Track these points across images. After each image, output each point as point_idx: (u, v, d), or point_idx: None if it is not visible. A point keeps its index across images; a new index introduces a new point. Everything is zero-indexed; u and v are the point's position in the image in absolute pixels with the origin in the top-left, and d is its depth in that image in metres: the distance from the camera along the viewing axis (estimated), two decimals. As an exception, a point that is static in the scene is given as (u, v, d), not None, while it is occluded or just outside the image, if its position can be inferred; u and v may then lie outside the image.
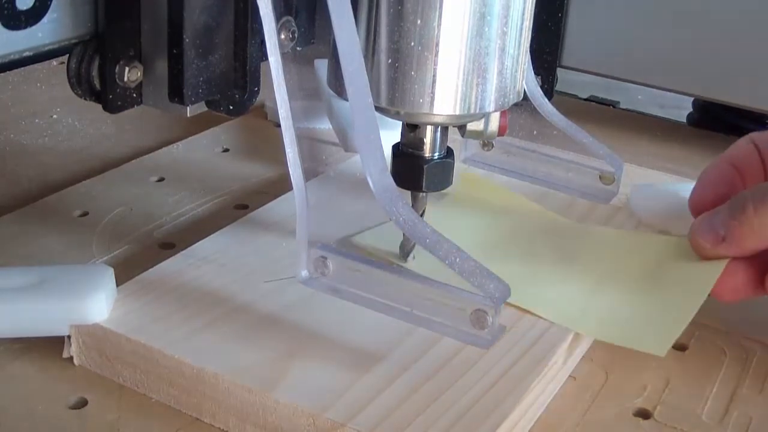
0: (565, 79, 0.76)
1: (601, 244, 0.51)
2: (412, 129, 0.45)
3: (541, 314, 0.45)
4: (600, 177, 0.55)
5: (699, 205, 0.49)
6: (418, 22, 0.41)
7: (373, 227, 0.51)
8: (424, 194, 0.47)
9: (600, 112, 0.83)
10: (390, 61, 0.41)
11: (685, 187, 0.56)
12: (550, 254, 0.50)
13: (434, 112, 0.42)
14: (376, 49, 0.41)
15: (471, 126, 0.48)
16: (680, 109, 0.91)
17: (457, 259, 0.39)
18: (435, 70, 0.41)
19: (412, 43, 0.41)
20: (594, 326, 0.45)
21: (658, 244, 0.51)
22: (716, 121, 0.83)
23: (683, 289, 0.46)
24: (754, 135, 0.50)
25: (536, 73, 0.54)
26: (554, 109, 0.52)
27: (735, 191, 0.48)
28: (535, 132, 0.68)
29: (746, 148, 0.50)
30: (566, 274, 0.48)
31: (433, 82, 0.41)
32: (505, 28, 0.42)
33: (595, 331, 0.45)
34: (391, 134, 0.45)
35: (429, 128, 0.45)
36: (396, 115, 0.44)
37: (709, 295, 0.45)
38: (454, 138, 0.47)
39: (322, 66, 0.67)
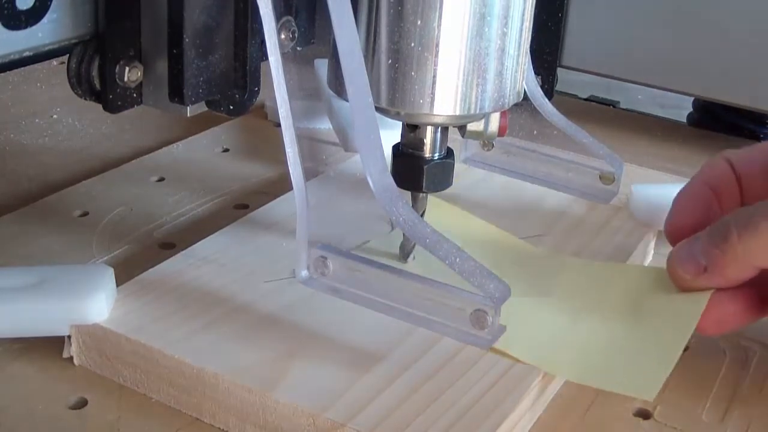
0: (565, 79, 0.76)
1: (575, 277, 0.49)
2: (412, 129, 0.45)
3: (518, 356, 0.42)
4: (600, 177, 0.55)
5: (676, 230, 0.46)
6: (418, 22, 0.41)
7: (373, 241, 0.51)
8: (424, 195, 0.47)
9: (600, 112, 0.83)
10: (390, 61, 0.41)
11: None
12: (523, 288, 0.46)
13: (434, 113, 0.42)
14: (376, 49, 0.42)
15: (471, 126, 0.48)
16: (680, 109, 0.91)
17: (457, 259, 0.39)
18: (435, 70, 0.41)
19: (412, 44, 0.41)
20: (575, 369, 0.42)
21: (636, 275, 0.48)
22: (716, 121, 0.83)
23: (667, 325, 0.43)
24: (729, 153, 0.47)
25: (536, 73, 0.54)
26: (554, 109, 0.52)
27: (712, 214, 0.45)
28: (535, 132, 0.68)
29: (721, 168, 0.47)
30: (541, 309, 0.46)
31: (433, 82, 0.41)
32: (505, 29, 0.42)
33: (577, 374, 0.42)
34: (391, 134, 0.45)
35: (429, 129, 0.45)
36: (396, 116, 0.44)
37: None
38: (454, 138, 0.47)
39: (322, 66, 0.67)
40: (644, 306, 0.45)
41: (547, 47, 0.58)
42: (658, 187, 0.57)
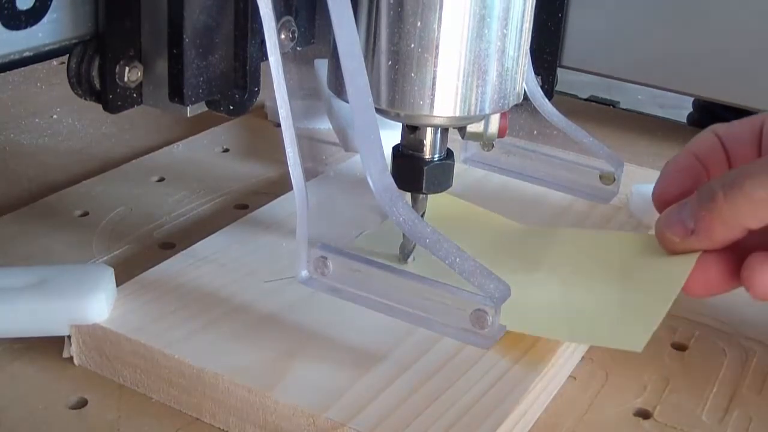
0: (565, 79, 0.76)
1: (564, 246, 0.49)
2: (412, 130, 0.45)
3: (508, 326, 0.41)
4: (600, 177, 0.55)
5: (663, 199, 0.47)
6: (418, 24, 0.41)
7: (369, 231, 0.51)
8: (424, 196, 0.47)
9: (600, 112, 0.83)
10: (390, 62, 0.41)
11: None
12: (512, 262, 0.47)
13: (434, 114, 0.42)
14: (376, 50, 0.41)
15: (471, 128, 0.48)
16: (680, 109, 0.91)
17: (457, 259, 0.39)
18: (435, 71, 0.41)
19: (412, 45, 0.41)
20: (566, 330, 0.43)
21: (624, 241, 0.49)
22: (716, 121, 0.82)
23: (655, 285, 0.44)
24: (717, 127, 0.48)
25: (536, 73, 0.54)
26: (554, 109, 0.52)
27: (699, 183, 0.46)
28: (535, 132, 0.68)
29: (709, 140, 0.48)
30: (531, 280, 0.46)
31: (433, 83, 0.41)
32: (505, 30, 0.42)
33: (567, 334, 0.43)
34: (391, 134, 0.45)
35: (429, 130, 0.45)
36: (396, 117, 0.44)
37: (681, 291, 0.43)
38: (454, 138, 0.47)
39: (322, 66, 0.67)
40: (632, 269, 0.46)
41: (547, 47, 0.58)
42: (658, 187, 0.57)
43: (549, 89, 0.57)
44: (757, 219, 0.42)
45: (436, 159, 0.46)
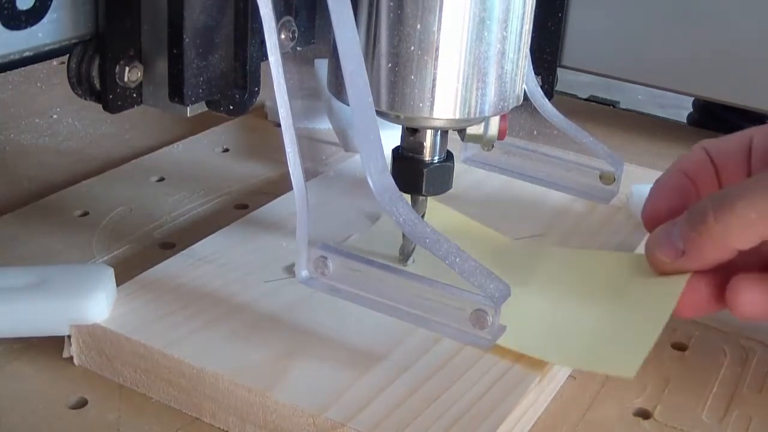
0: (565, 79, 0.76)
1: (553, 264, 0.49)
2: (411, 133, 0.45)
3: (503, 344, 0.41)
4: (600, 177, 0.55)
5: (653, 218, 0.46)
6: (418, 26, 0.41)
7: (359, 235, 0.51)
8: (424, 197, 0.47)
9: (600, 112, 0.83)
10: (390, 65, 0.41)
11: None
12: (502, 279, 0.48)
13: (434, 116, 0.42)
14: (376, 53, 0.41)
15: (471, 130, 0.48)
16: (680, 109, 0.91)
17: (457, 259, 0.39)
18: (435, 74, 0.41)
19: (412, 47, 0.41)
20: (556, 352, 0.42)
21: (614, 261, 0.48)
22: (716, 121, 0.83)
23: (646, 307, 0.44)
24: (706, 143, 0.48)
25: (536, 73, 0.54)
26: (554, 109, 0.52)
27: (689, 201, 0.45)
28: (535, 132, 0.68)
29: (699, 157, 0.47)
30: (522, 297, 0.45)
31: (433, 86, 0.41)
32: (504, 33, 0.42)
33: (558, 356, 0.42)
34: (391, 134, 0.45)
35: (429, 132, 0.45)
36: (396, 119, 0.44)
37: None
38: (454, 138, 0.47)
39: (322, 66, 0.67)
40: (622, 289, 0.45)
41: (547, 47, 0.58)
42: (657, 187, 0.57)
43: (549, 89, 0.57)
44: (748, 240, 0.41)
45: (435, 161, 0.46)
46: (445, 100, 0.42)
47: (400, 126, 0.46)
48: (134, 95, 0.44)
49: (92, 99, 0.44)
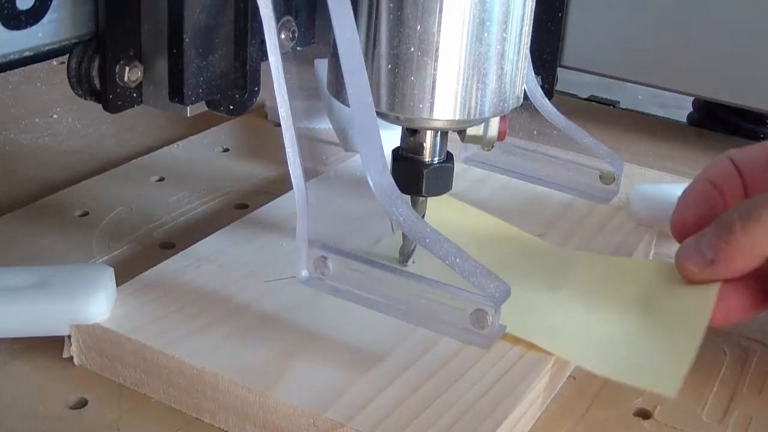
0: (565, 79, 0.76)
1: (585, 270, 0.49)
2: (411, 134, 0.45)
3: (541, 345, 0.42)
4: (600, 177, 0.55)
5: (681, 227, 0.47)
6: (418, 27, 0.41)
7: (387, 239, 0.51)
8: (424, 199, 0.47)
9: (600, 112, 0.83)
10: (390, 66, 0.41)
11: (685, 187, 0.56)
12: (535, 281, 0.47)
13: (434, 118, 0.42)
14: (376, 54, 0.41)
15: (470, 131, 0.48)
16: (680, 109, 0.91)
17: (457, 259, 0.39)
18: (434, 75, 0.41)
19: (412, 49, 0.41)
20: (596, 360, 0.42)
21: (645, 269, 0.49)
22: (716, 121, 0.83)
23: (681, 321, 0.44)
24: (732, 152, 0.48)
25: (536, 73, 0.54)
26: (554, 109, 0.52)
27: (716, 211, 0.46)
28: (535, 132, 0.68)
29: (725, 166, 0.48)
30: (555, 301, 0.46)
31: (433, 87, 0.41)
32: (504, 34, 0.42)
33: (597, 365, 0.42)
34: (391, 134, 0.45)
35: (429, 133, 0.45)
36: (396, 120, 0.44)
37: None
38: (454, 138, 0.47)
39: (322, 66, 0.67)
40: (656, 300, 0.46)
41: (547, 47, 0.58)
42: (658, 187, 0.57)
43: (549, 89, 0.57)
44: None
45: (435, 162, 0.46)
46: (444, 101, 0.42)
47: (400, 127, 0.46)
48: (134, 95, 0.44)
49: (92, 99, 0.44)
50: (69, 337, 0.43)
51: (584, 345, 0.43)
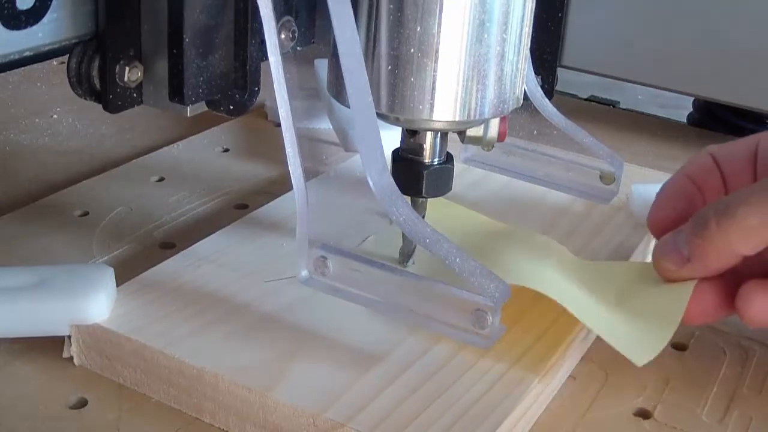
0: (565, 79, 0.76)
1: (571, 264, 0.48)
2: (411, 135, 0.45)
3: (550, 294, 0.42)
4: (600, 177, 0.55)
5: (659, 224, 0.47)
6: (418, 28, 0.41)
7: (375, 235, 0.51)
8: (424, 199, 0.47)
9: (600, 112, 0.83)
10: (389, 67, 0.41)
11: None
12: (518, 259, 0.47)
13: (434, 119, 0.42)
14: (376, 55, 0.41)
15: (470, 132, 0.48)
16: (680, 109, 0.91)
17: (457, 259, 0.39)
18: (434, 76, 0.41)
19: (412, 50, 0.41)
20: (585, 309, 0.43)
21: (621, 270, 0.48)
22: (716, 121, 0.83)
23: (654, 316, 0.44)
24: (712, 148, 0.48)
25: (536, 73, 0.54)
26: (554, 109, 0.52)
27: (695, 207, 0.45)
28: (535, 132, 0.68)
29: (704, 162, 0.47)
30: (542, 271, 0.46)
31: (433, 88, 0.41)
32: (504, 35, 0.42)
33: (582, 315, 0.43)
34: (391, 134, 0.45)
35: (428, 134, 0.45)
36: (395, 122, 0.44)
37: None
38: (454, 137, 0.47)
39: (322, 66, 0.67)
40: (629, 298, 0.45)
41: (547, 47, 0.58)
42: (658, 187, 0.57)
43: (549, 89, 0.57)
44: (750, 246, 0.41)
45: (435, 163, 0.46)
46: (444, 102, 0.42)
47: (400, 127, 0.46)
48: (134, 95, 0.44)
49: (92, 99, 0.44)
50: (69, 337, 0.43)
51: (573, 293, 0.44)
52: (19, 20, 0.40)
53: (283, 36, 0.46)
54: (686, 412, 0.43)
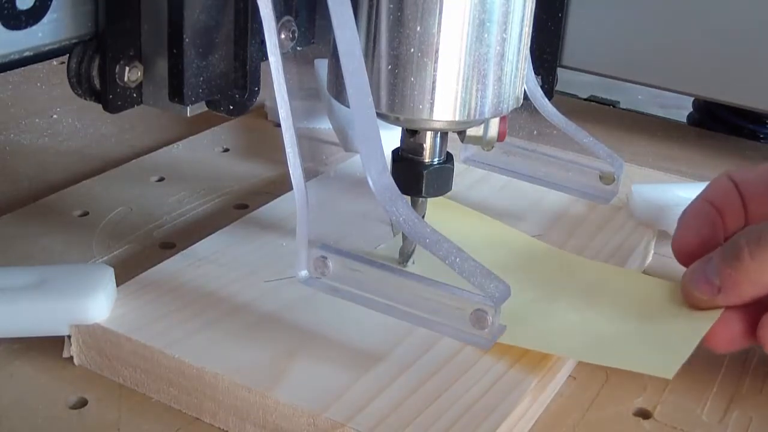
0: (565, 79, 0.76)
1: (586, 278, 0.49)
2: (411, 134, 0.45)
3: (540, 349, 0.42)
4: (600, 177, 0.55)
5: (683, 248, 0.47)
6: (418, 28, 0.41)
7: (387, 244, 0.50)
8: (424, 199, 0.47)
9: (600, 112, 0.83)
10: (390, 67, 0.41)
11: (685, 187, 0.56)
12: (532, 284, 0.47)
13: (434, 118, 0.42)
14: (376, 54, 0.41)
15: (470, 132, 0.48)
16: (680, 109, 0.91)
17: (457, 259, 0.39)
18: (434, 76, 0.41)
19: (412, 50, 0.41)
20: (596, 353, 0.43)
21: (643, 284, 0.48)
22: (716, 121, 0.83)
23: (679, 324, 0.44)
24: (731, 172, 0.48)
25: (536, 73, 0.54)
26: (554, 109, 0.52)
27: (717, 232, 0.46)
28: (535, 132, 0.68)
29: (724, 186, 0.47)
30: (551, 305, 0.46)
31: (433, 88, 0.41)
32: (504, 35, 0.42)
33: (598, 357, 0.43)
34: (391, 134, 0.45)
35: (428, 134, 0.45)
36: (396, 121, 0.44)
37: (704, 344, 0.43)
38: (454, 137, 0.47)
39: (322, 66, 0.67)
40: (654, 314, 0.45)
41: (547, 47, 0.58)
42: (658, 187, 0.57)
43: (549, 89, 0.57)
44: None
45: (435, 163, 0.46)
46: (444, 102, 0.42)
47: (400, 127, 0.46)
48: (134, 95, 0.44)
49: (92, 99, 0.44)
50: (69, 337, 0.43)
51: (582, 341, 0.43)
52: (19, 20, 0.40)
53: (283, 36, 0.46)
54: (686, 412, 0.43)
